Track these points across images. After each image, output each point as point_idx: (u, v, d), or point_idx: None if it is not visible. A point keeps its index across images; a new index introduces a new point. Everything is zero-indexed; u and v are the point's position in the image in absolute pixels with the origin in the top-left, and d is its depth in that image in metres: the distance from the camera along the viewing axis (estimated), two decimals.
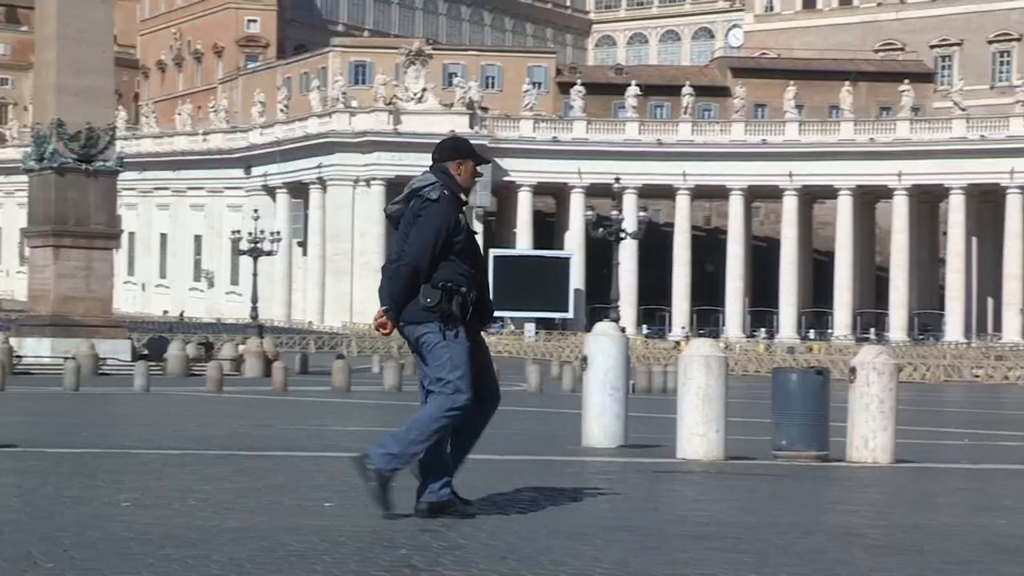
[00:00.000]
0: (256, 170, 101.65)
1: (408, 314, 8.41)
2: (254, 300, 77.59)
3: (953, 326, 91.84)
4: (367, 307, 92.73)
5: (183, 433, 18.71)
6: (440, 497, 8.65)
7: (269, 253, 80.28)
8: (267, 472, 12.32)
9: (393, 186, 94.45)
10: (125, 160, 48.76)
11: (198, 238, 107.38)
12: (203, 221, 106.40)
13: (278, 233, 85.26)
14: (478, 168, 8.84)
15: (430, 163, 8.77)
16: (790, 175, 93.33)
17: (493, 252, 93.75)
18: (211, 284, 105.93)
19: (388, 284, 8.47)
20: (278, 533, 8.18)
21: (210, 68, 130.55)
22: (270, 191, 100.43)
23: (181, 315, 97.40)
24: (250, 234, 78.72)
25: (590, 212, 76.51)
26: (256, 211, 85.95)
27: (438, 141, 9.06)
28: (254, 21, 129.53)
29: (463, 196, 8.64)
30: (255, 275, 78.55)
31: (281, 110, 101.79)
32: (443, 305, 8.37)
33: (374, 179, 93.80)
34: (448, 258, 8.43)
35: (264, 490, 10.73)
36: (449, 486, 8.71)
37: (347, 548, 7.69)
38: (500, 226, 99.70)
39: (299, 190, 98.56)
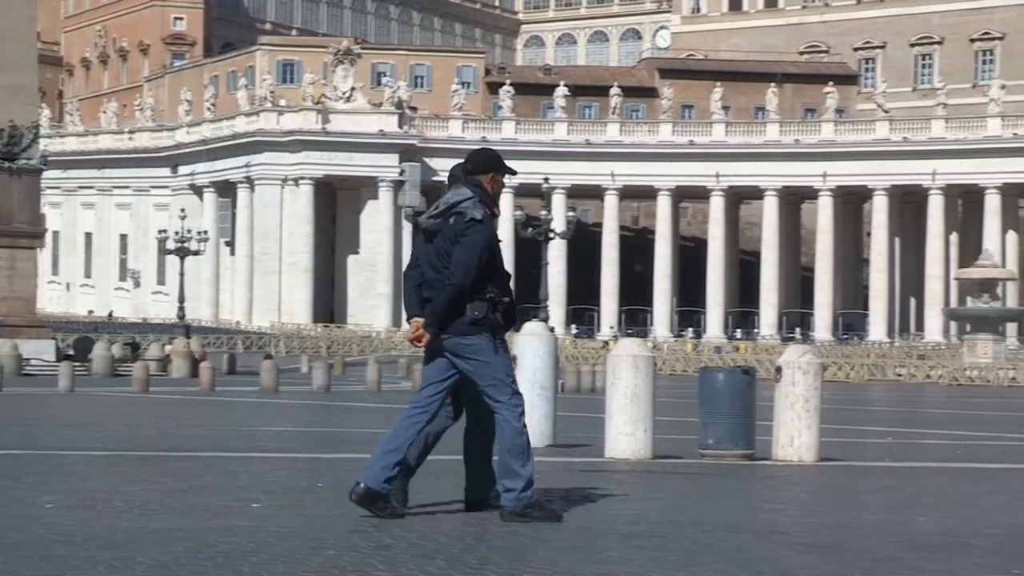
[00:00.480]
0: (183, 169, 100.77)
1: (454, 327, 8.75)
2: (181, 300, 76.94)
3: (877, 326, 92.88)
4: (296, 307, 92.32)
5: (108, 434, 18.51)
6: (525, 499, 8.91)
7: (196, 253, 79.63)
8: (193, 473, 12.23)
9: (322, 185, 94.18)
10: (49, 158, 48.19)
11: (124, 237, 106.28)
12: (129, 220, 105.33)
13: (205, 232, 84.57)
14: (504, 179, 9.17)
15: (460, 172, 9.03)
16: (717, 176, 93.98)
17: None
18: (137, 284, 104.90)
19: (435, 298, 8.74)
20: (204, 534, 8.12)
21: (136, 66, 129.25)
22: (197, 190, 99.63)
23: (110, 315, 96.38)
24: (177, 233, 78.05)
25: (519, 212, 76.50)
26: (183, 210, 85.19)
27: (471, 151, 9.28)
28: (180, 19, 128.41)
29: (496, 210, 8.96)
30: (182, 275, 77.89)
31: (208, 109, 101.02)
32: (490, 317, 8.76)
33: (303, 178, 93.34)
34: (487, 271, 8.79)
35: (190, 491, 10.64)
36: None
37: (275, 549, 7.65)
38: None
39: (227, 189, 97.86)
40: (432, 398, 8.89)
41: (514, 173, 9.33)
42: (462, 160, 9.26)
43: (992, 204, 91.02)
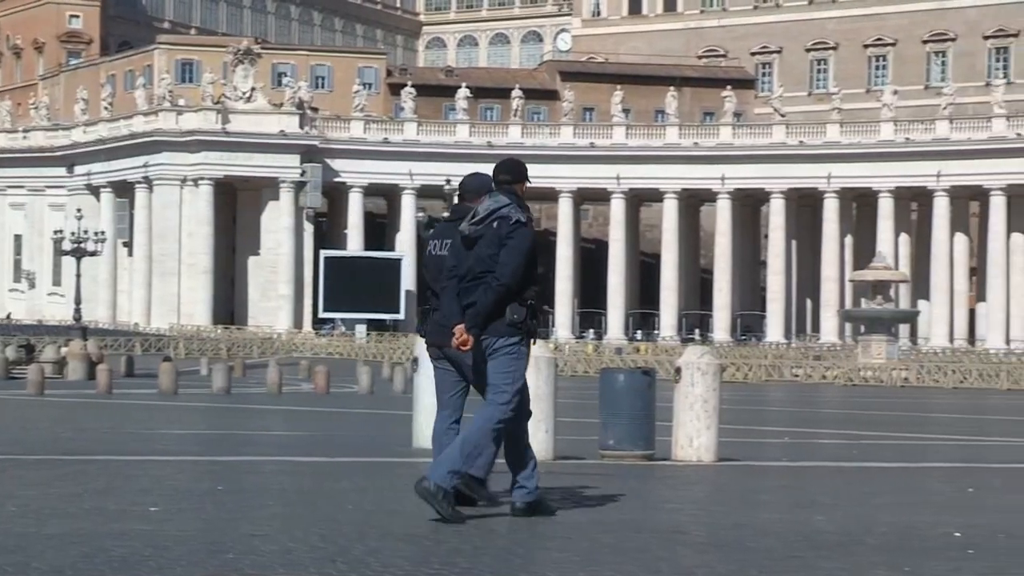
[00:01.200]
0: (79, 169, 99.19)
1: (492, 328, 8.95)
2: (77, 301, 75.78)
3: (774, 327, 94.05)
4: (195, 308, 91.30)
5: (2, 438, 18.17)
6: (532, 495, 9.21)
7: (93, 253, 78.50)
8: (90, 477, 12.04)
9: (222, 186, 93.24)
10: None
11: (18, 238, 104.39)
12: (23, 220, 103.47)
13: (102, 233, 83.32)
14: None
15: (475, 183, 9.43)
16: (618, 178, 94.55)
17: (324, 253, 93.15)
18: (32, 285, 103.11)
19: (481, 299, 8.93)
20: (101, 539, 8.00)
21: (30, 64, 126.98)
22: (94, 190, 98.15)
23: (9, 316, 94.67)
24: (73, 234, 76.88)
25: (421, 213, 76.57)
26: (79, 210, 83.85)
27: (502, 160, 9.55)
28: (76, 17, 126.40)
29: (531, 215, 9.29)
30: (78, 276, 76.73)
31: (105, 108, 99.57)
32: (528, 322, 9.03)
33: (202, 179, 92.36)
34: (527, 275, 9.05)
35: (87, 495, 10.48)
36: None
37: (173, 553, 7.56)
38: (331, 227, 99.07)
39: (124, 189, 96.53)
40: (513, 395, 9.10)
41: (529, 181, 9.57)
42: (471, 172, 9.64)
43: (885, 207, 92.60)
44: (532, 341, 9.13)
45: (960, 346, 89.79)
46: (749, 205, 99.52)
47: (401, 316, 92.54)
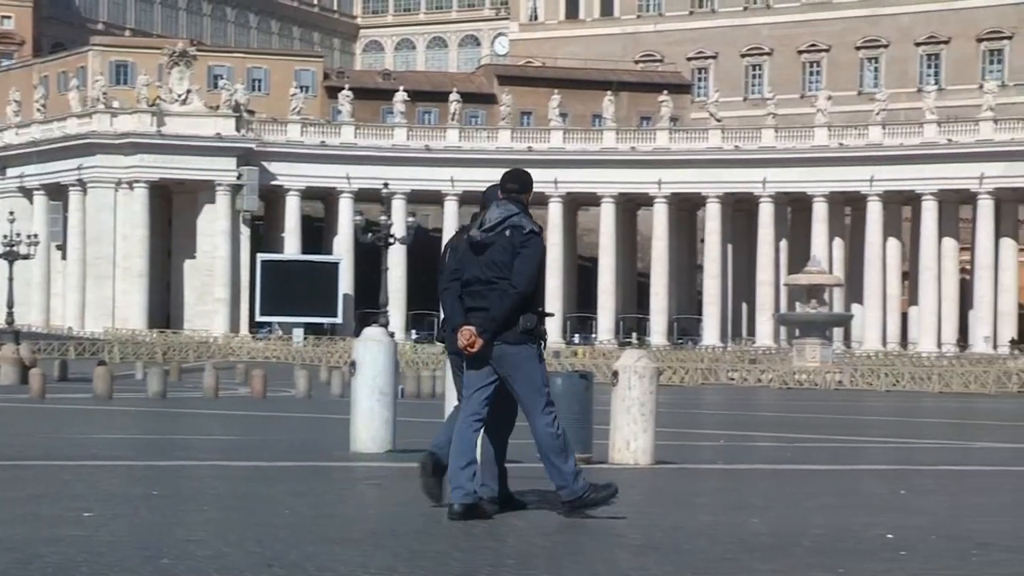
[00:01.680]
0: (12, 171, 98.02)
1: (505, 335, 9.30)
2: (10, 305, 74.91)
3: (710, 331, 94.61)
4: (130, 312, 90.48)
5: None
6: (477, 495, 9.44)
7: (26, 257, 77.68)
8: (23, 482, 11.91)
9: (158, 188, 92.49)
10: None
11: None
12: None
13: (35, 236, 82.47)
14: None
15: (497, 191, 9.74)
16: (555, 182, 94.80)
17: (261, 256, 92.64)
18: None
19: (497, 306, 9.26)
20: (34, 545, 7.92)
21: None
22: (27, 193, 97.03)
23: None
24: (5, 237, 76.02)
25: (359, 217, 76.24)
26: (12, 213, 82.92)
27: (509, 170, 9.93)
28: (8, 17, 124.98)
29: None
30: (11, 279, 75.87)
31: (38, 110, 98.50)
32: (539, 328, 9.43)
33: (137, 182, 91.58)
34: (538, 283, 9.49)
35: (20, 501, 10.37)
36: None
37: (107, 559, 7.50)
38: (268, 230, 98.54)
39: (58, 192, 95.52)
40: (483, 403, 9.42)
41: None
42: (493, 184, 9.96)
43: (820, 212, 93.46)
44: (543, 345, 9.54)
45: (893, 349, 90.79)
46: (686, 209, 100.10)
47: (339, 320, 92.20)
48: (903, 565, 8.07)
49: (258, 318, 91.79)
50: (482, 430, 9.50)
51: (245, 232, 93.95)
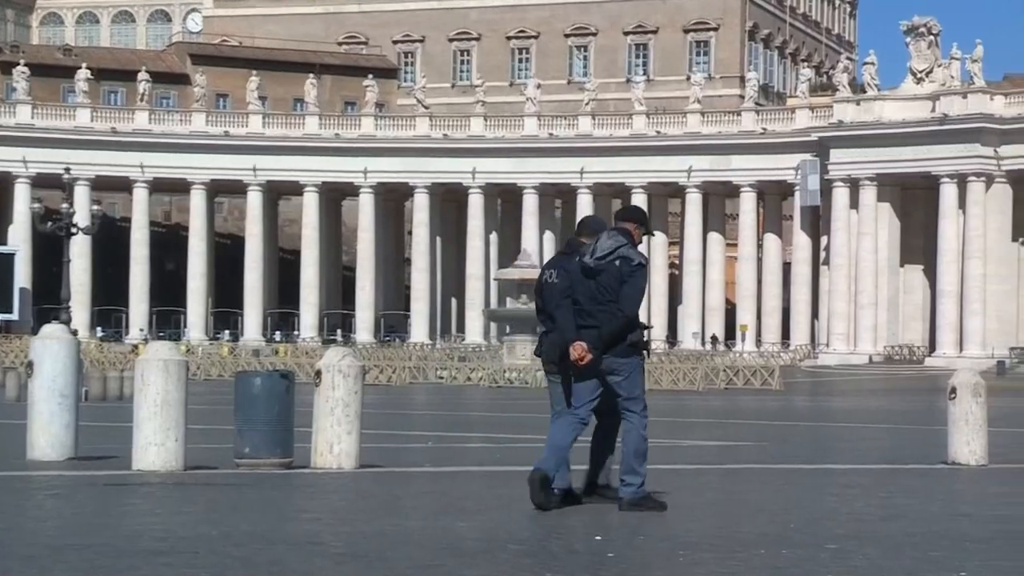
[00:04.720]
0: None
1: (614, 349, 11.24)
2: None
3: (419, 327, 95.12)
4: None
5: None
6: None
7: None
8: None
9: None
10: None
11: None
12: None
13: None
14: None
15: (596, 223, 11.97)
16: (254, 169, 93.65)
17: None
18: None
19: (608, 325, 11.19)
20: None
21: None
22: None
23: None
24: None
25: (37, 204, 73.87)
26: None
27: (625, 208, 12.23)
28: None
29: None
30: None
31: None
32: (645, 342, 11.45)
33: None
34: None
35: None
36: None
37: None
38: None
39: None
40: (588, 411, 11.42)
41: (652, 234, 11.77)
42: (590, 215, 12.55)
43: (530, 204, 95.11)
44: (648, 355, 11.56)
45: None
46: (393, 200, 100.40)
47: (15, 316, 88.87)
48: (611, 567, 8.29)
49: None
50: (580, 434, 11.41)
51: None
